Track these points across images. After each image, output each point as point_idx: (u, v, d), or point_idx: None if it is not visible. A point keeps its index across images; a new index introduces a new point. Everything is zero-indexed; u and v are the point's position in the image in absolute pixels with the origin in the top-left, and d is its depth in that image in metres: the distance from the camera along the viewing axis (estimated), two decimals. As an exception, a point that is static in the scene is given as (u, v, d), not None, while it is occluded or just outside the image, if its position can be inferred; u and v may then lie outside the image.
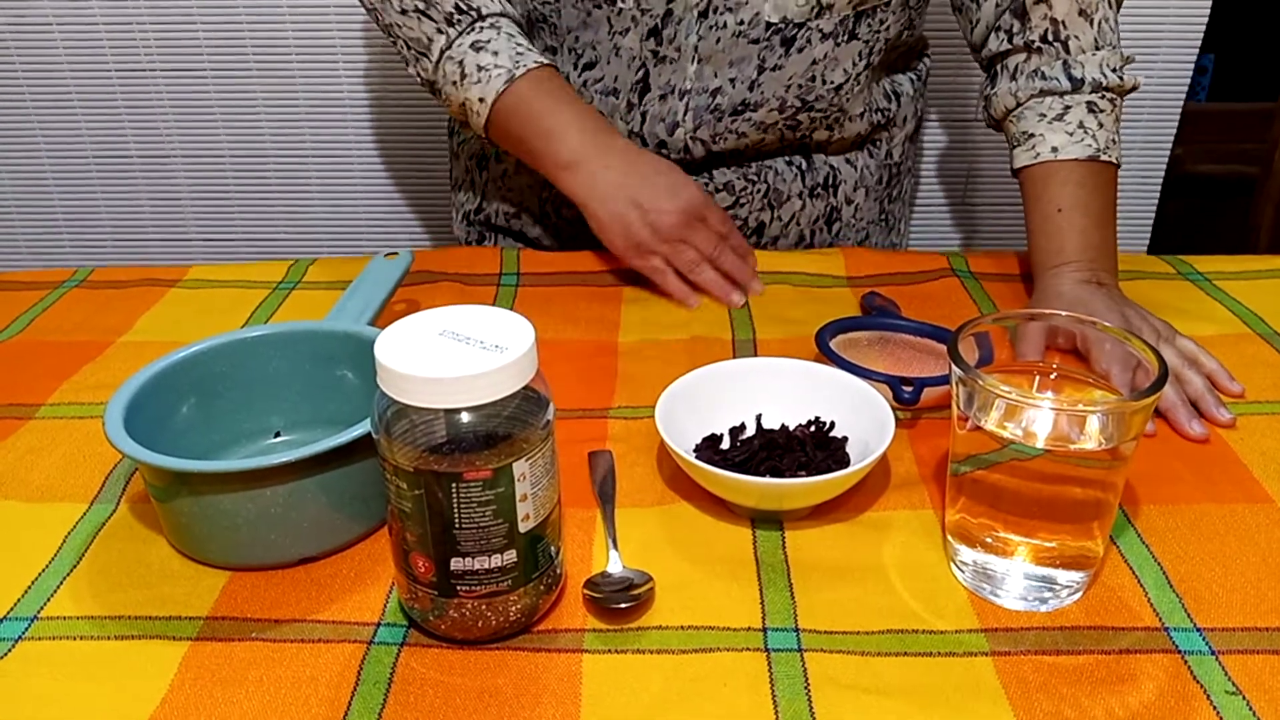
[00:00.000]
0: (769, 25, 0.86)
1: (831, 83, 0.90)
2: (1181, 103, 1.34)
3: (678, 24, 0.86)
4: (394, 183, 1.40)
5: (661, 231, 0.85)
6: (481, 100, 0.86)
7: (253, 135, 1.36)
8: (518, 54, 0.86)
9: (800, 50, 0.87)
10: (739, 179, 0.95)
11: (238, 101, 1.33)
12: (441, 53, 0.86)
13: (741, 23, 0.86)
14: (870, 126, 0.97)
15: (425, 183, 1.40)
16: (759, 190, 0.96)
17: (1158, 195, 1.40)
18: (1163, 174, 1.39)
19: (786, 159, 0.96)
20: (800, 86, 0.89)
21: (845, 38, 0.88)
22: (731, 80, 0.88)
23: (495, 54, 0.85)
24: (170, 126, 1.35)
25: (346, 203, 1.41)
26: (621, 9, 0.87)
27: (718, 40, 0.87)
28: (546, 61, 0.87)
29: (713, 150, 0.92)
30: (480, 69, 0.85)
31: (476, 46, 0.86)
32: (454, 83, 0.87)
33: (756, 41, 0.87)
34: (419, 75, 0.89)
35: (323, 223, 1.42)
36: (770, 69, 0.88)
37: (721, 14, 0.86)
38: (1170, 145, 1.37)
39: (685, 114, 0.90)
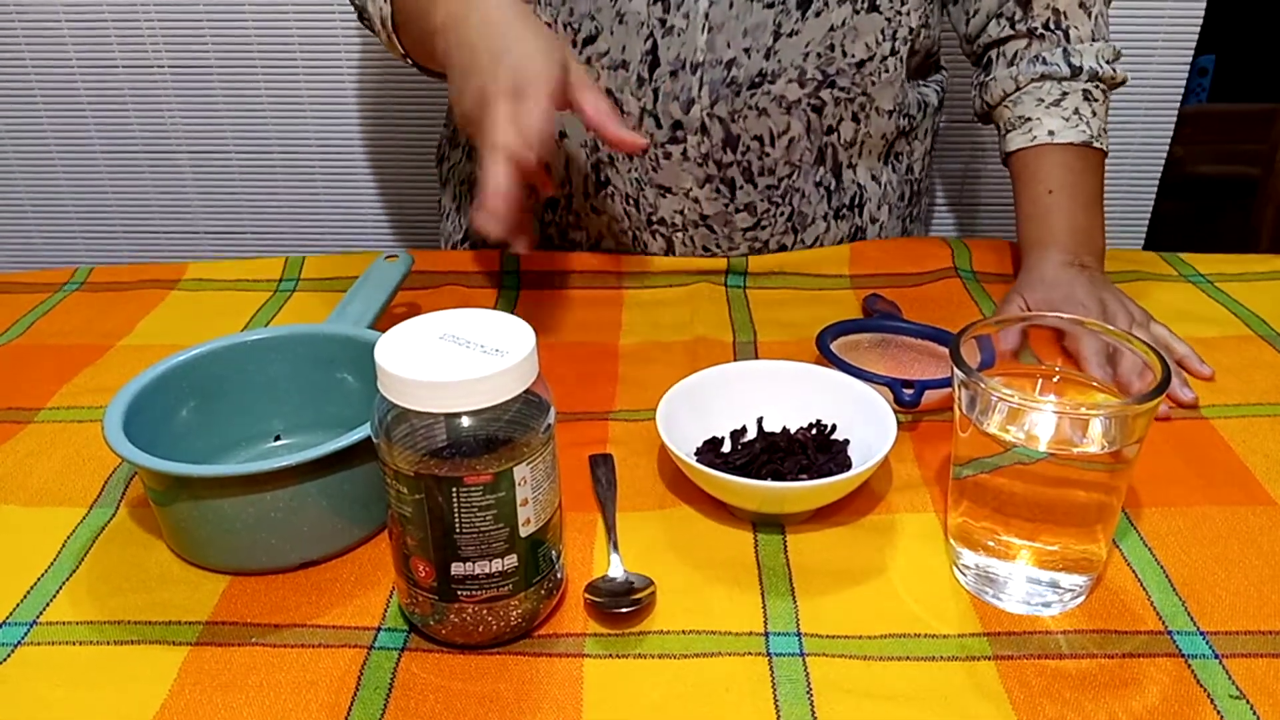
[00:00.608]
0: None
1: (853, 56, 0.87)
2: (1179, 103, 1.34)
3: None
4: (399, 182, 1.40)
5: (505, 117, 0.66)
6: (388, 1, 0.78)
7: (258, 133, 1.36)
8: None
9: (817, 14, 0.84)
10: (762, 200, 0.91)
11: (243, 99, 1.33)
12: None
13: None
14: (896, 130, 0.95)
15: (431, 183, 1.40)
16: (783, 213, 0.93)
17: (1154, 196, 1.40)
18: (1159, 175, 1.39)
19: (816, 180, 0.92)
20: (820, 56, 0.85)
21: (864, 6, 0.85)
22: (746, 50, 0.84)
23: None
24: (177, 124, 1.35)
25: (352, 202, 1.41)
26: None
27: (730, 5, 0.82)
28: None
29: (732, 131, 0.87)
30: None
31: None
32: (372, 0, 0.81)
33: (771, 5, 0.83)
34: (359, 12, 0.83)
35: (328, 221, 1.42)
36: (786, 35, 0.84)
37: None
38: (1167, 145, 1.37)
39: (700, 89, 0.85)
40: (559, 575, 0.54)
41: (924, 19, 0.91)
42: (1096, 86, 0.87)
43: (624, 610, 0.54)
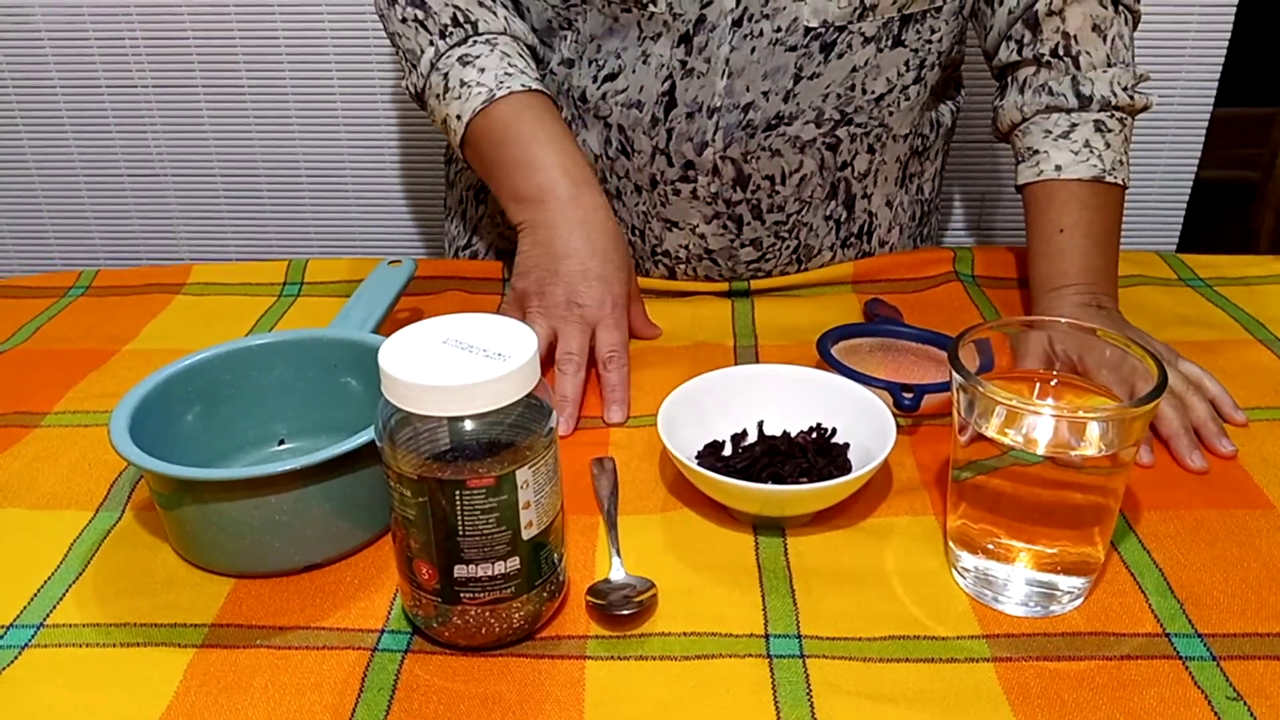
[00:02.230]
0: (808, 30, 0.80)
1: (872, 92, 0.85)
2: (1209, 111, 1.29)
3: (710, 31, 0.80)
4: (389, 196, 1.39)
5: (560, 303, 0.77)
6: (459, 118, 0.82)
7: (245, 151, 1.34)
8: (505, 74, 0.82)
9: (840, 56, 0.81)
10: (769, 235, 0.90)
11: (229, 116, 1.32)
12: (430, 65, 0.84)
13: (779, 29, 0.80)
14: (910, 151, 0.92)
15: (421, 197, 1.39)
16: (789, 247, 0.91)
17: (1185, 205, 1.35)
18: (1190, 184, 1.34)
19: (826, 214, 0.90)
20: (839, 96, 0.83)
21: (889, 43, 0.82)
22: (765, 94, 0.82)
23: (481, 70, 0.82)
24: (160, 141, 1.34)
25: (339, 219, 1.40)
26: (653, 14, 0.81)
27: (752, 49, 0.80)
28: (537, 86, 0.83)
29: (744, 171, 0.85)
30: (463, 84, 0.82)
31: (464, 60, 0.82)
32: (438, 95, 0.84)
33: (794, 49, 0.81)
34: (410, 87, 0.87)
35: (316, 238, 1.42)
36: (807, 78, 0.82)
37: (757, 21, 0.80)
38: (1198, 155, 1.32)
39: (715, 133, 0.83)
40: (561, 578, 0.54)
41: (957, 36, 0.88)
42: (1111, 116, 0.82)
43: (625, 612, 0.54)
